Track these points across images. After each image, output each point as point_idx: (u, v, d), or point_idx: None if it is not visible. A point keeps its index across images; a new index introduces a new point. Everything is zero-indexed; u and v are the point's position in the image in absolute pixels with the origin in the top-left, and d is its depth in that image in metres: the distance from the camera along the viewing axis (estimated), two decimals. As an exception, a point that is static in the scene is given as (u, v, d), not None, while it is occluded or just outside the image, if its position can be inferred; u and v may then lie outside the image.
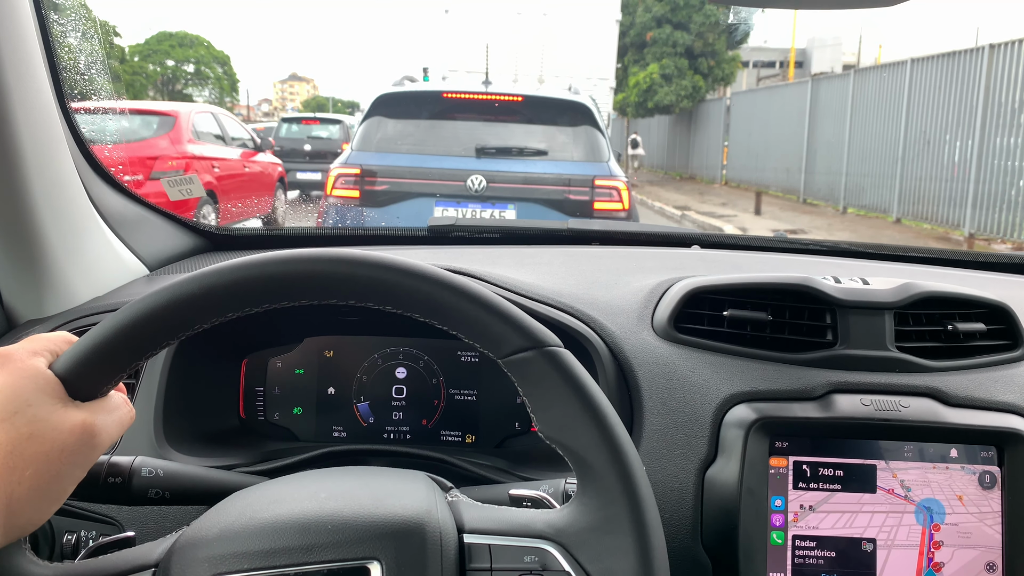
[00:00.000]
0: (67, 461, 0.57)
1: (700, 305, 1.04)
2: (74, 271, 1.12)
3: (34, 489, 0.55)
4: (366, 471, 0.73)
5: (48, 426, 0.56)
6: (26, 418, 0.55)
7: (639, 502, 0.61)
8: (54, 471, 0.56)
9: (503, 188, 4.90)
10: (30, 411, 0.56)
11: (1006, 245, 10.43)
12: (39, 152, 1.03)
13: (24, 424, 0.55)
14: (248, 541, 0.60)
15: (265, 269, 0.61)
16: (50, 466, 0.56)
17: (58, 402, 0.58)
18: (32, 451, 0.55)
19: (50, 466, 0.56)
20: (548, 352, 0.63)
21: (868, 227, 12.84)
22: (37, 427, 0.56)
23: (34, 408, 0.56)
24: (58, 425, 0.57)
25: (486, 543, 0.64)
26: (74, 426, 0.57)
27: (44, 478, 0.55)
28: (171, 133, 7.62)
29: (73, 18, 1.40)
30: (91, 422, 0.59)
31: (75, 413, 0.58)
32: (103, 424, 0.60)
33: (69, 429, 0.57)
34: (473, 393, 1.17)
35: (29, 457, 0.55)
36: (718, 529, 0.91)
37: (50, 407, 0.57)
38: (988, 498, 0.93)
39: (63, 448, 0.56)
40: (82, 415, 0.58)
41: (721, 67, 24.06)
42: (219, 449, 1.07)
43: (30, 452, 0.55)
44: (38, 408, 0.56)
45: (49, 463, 0.56)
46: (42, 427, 0.56)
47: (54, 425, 0.56)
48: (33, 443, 0.55)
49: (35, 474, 0.55)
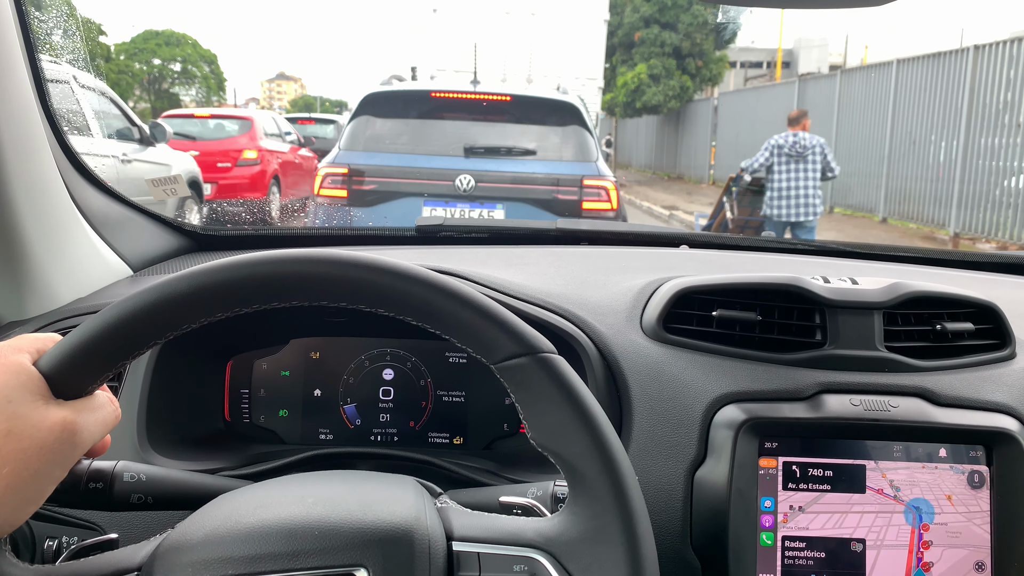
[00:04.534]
0: (46, 459, 0.56)
1: (689, 305, 1.04)
2: (56, 272, 1.10)
3: (11, 488, 0.54)
4: (354, 475, 0.72)
5: (27, 423, 0.55)
6: (5, 414, 0.54)
7: (631, 513, 0.61)
8: (32, 469, 0.55)
9: (491, 188, 4.90)
10: (9, 407, 0.55)
11: (991, 244, 10.52)
12: (19, 152, 1.02)
13: (3, 420, 0.54)
14: (233, 546, 0.59)
15: (256, 269, 0.60)
16: (28, 464, 0.54)
17: (40, 399, 0.56)
18: (9, 448, 0.54)
19: (28, 464, 0.54)
20: (542, 359, 0.63)
21: (854, 226, 12.92)
22: (16, 424, 0.54)
23: (14, 404, 0.55)
24: (38, 422, 0.55)
25: (475, 551, 0.63)
26: (55, 424, 0.56)
27: (22, 476, 0.54)
28: (249, 132, 10.40)
29: (55, 16, 1.39)
30: (72, 420, 0.57)
31: (56, 411, 0.57)
32: (85, 423, 0.59)
33: (49, 427, 0.56)
34: (461, 395, 1.16)
35: (6, 454, 0.54)
36: (707, 530, 0.91)
37: (31, 404, 0.56)
38: (977, 498, 0.93)
39: (42, 446, 0.55)
40: (64, 413, 0.57)
41: (709, 67, 24.13)
42: (203, 453, 1.06)
43: (7, 449, 0.54)
44: (18, 404, 0.55)
45: (27, 461, 0.54)
46: (21, 424, 0.54)
47: (34, 422, 0.55)
48: (11, 440, 0.54)
49: (12, 472, 0.54)
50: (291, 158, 11.45)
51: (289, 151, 11.56)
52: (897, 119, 12.77)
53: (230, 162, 9.81)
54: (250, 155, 10.07)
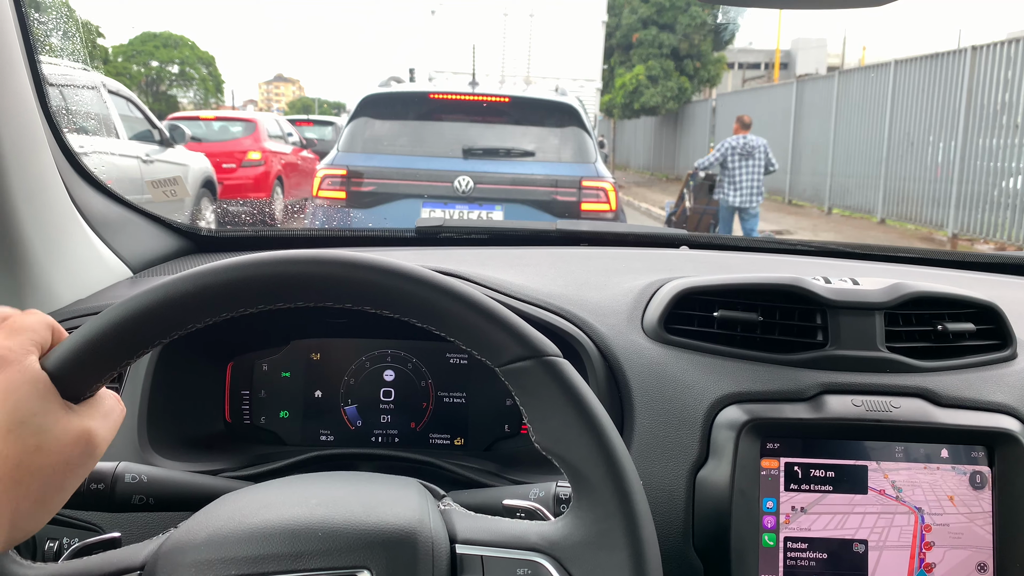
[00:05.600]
0: (71, 473, 0.55)
1: (690, 306, 1.04)
2: (56, 273, 1.10)
3: (38, 501, 0.54)
4: (358, 477, 0.72)
5: (52, 437, 0.54)
6: (32, 429, 0.53)
7: (635, 518, 0.60)
8: (58, 483, 0.55)
9: (490, 189, 4.90)
10: (35, 421, 0.54)
11: (989, 245, 10.53)
12: (20, 153, 1.01)
13: (31, 435, 0.53)
14: (236, 546, 0.59)
15: (261, 269, 0.60)
16: (55, 479, 0.54)
17: (59, 409, 0.56)
18: (39, 463, 0.53)
19: (55, 479, 0.54)
20: (547, 362, 0.62)
21: (853, 228, 12.93)
22: (43, 439, 0.54)
23: (39, 418, 0.54)
24: (62, 436, 0.55)
25: (478, 554, 0.63)
26: (78, 436, 0.56)
27: (48, 490, 0.54)
28: (253, 134, 10.78)
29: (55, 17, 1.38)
30: (91, 430, 0.57)
31: (76, 421, 0.56)
32: (100, 430, 0.58)
33: (74, 440, 0.55)
34: (462, 395, 1.16)
35: (36, 469, 0.53)
36: (710, 531, 0.91)
37: (54, 416, 0.55)
38: (979, 498, 0.92)
39: (68, 460, 0.55)
40: (82, 423, 0.57)
41: (707, 68, 24.16)
42: (204, 454, 1.06)
43: (37, 465, 0.53)
44: (43, 418, 0.54)
45: (55, 475, 0.54)
46: (48, 439, 0.54)
47: (58, 436, 0.55)
48: (40, 456, 0.53)
49: (41, 486, 0.53)
50: (294, 159, 11.83)
51: (292, 152, 11.94)
52: (895, 120, 12.79)
53: (235, 163, 10.15)
54: (254, 156, 10.43)
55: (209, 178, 7.82)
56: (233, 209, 3.01)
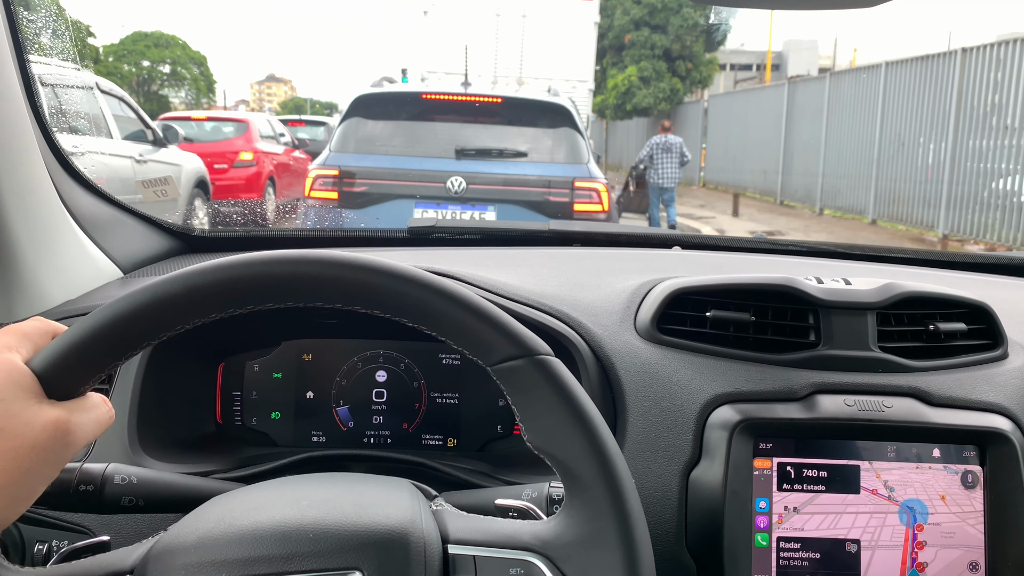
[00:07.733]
0: (38, 458, 0.55)
1: (683, 306, 1.04)
2: (45, 274, 1.09)
3: (2, 486, 0.53)
4: (349, 478, 0.72)
5: (20, 421, 0.54)
6: None
7: (628, 517, 0.60)
8: (24, 467, 0.54)
9: (483, 190, 4.89)
10: (1, 406, 0.54)
11: (979, 246, 10.59)
12: (8, 153, 1.01)
13: None
14: (227, 549, 0.59)
15: (251, 270, 0.60)
16: (20, 462, 0.54)
17: (32, 398, 0.56)
18: (2, 446, 0.53)
19: (20, 462, 0.54)
20: (538, 361, 0.62)
21: (844, 228, 12.98)
22: (8, 422, 0.54)
23: (6, 403, 0.54)
24: (30, 421, 0.55)
25: (471, 554, 0.62)
26: (47, 422, 0.56)
27: (13, 474, 0.54)
28: (245, 135, 10.83)
29: (44, 16, 1.38)
30: (65, 419, 0.57)
31: (49, 410, 0.56)
32: (79, 422, 0.58)
33: (42, 425, 0.55)
34: (455, 396, 1.16)
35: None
36: (702, 531, 0.91)
37: (23, 402, 0.55)
38: (971, 498, 0.93)
39: (35, 445, 0.55)
40: (57, 412, 0.57)
41: (699, 70, 24.23)
42: (195, 455, 1.05)
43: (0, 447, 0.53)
44: (10, 403, 0.55)
45: (19, 459, 0.54)
46: (13, 422, 0.54)
47: (26, 420, 0.55)
48: (3, 438, 0.53)
49: (3, 469, 0.53)
50: (286, 160, 11.92)
51: (284, 153, 12.02)
52: (886, 121, 12.85)
53: (227, 164, 10.16)
54: (246, 157, 10.46)
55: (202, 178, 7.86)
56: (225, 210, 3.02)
